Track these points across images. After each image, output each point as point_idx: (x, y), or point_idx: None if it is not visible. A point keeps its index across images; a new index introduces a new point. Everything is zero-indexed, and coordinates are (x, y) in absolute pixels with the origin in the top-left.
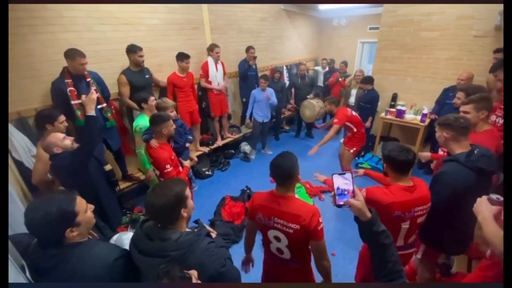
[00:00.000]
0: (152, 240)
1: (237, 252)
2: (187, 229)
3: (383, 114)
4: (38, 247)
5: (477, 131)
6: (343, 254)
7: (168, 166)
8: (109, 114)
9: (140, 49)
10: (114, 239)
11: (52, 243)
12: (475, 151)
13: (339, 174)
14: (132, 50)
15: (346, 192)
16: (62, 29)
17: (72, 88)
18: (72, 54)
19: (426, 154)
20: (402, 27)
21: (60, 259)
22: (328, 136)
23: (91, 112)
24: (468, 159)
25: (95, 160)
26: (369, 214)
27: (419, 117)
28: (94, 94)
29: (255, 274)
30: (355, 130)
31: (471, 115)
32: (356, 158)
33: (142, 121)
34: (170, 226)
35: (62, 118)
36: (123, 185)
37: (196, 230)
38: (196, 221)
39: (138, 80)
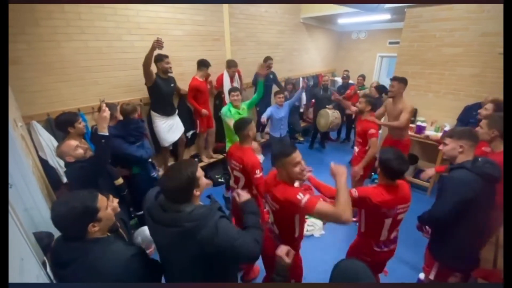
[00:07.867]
0: (166, 211)
1: None
2: (200, 203)
3: None
4: (62, 241)
5: (494, 152)
6: None
7: (258, 171)
8: None
9: (166, 56)
10: (138, 231)
11: (76, 237)
12: (479, 159)
13: None
14: (159, 58)
15: None
16: (93, 38)
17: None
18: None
19: (430, 172)
20: (423, 42)
21: (81, 252)
22: (369, 155)
23: (104, 131)
24: (474, 165)
25: (106, 173)
26: None
27: (440, 134)
28: (107, 112)
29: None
30: (367, 147)
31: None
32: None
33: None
34: (183, 203)
35: (79, 119)
36: None
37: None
38: (208, 196)
39: (164, 87)
